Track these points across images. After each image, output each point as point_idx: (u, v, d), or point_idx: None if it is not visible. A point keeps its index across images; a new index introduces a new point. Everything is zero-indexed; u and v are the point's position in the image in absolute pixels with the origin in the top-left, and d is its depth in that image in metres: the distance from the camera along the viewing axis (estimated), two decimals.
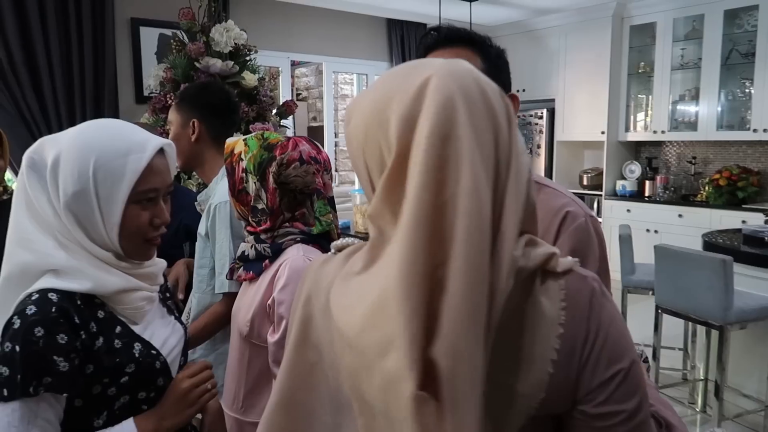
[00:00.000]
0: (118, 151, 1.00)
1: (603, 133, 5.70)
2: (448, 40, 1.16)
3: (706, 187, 5.17)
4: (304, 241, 1.42)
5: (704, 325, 2.90)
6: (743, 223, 4.43)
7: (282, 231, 1.42)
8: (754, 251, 3.02)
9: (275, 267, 1.39)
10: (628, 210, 5.59)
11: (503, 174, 0.62)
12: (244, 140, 1.47)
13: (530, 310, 0.63)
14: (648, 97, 5.68)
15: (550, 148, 6.21)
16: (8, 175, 3.51)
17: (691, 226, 5.01)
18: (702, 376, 3.23)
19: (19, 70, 3.43)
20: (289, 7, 5.03)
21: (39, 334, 0.91)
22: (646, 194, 5.61)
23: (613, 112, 5.69)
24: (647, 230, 5.34)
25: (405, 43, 6.05)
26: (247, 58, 3.44)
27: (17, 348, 0.90)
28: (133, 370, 1.02)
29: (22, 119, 3.46)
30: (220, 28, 3.26)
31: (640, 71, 5.66)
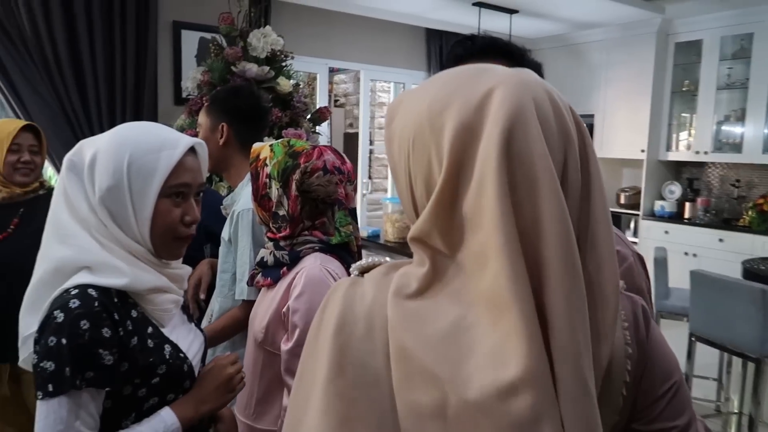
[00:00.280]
0: (152, 147, 1.02)
1: (643, 151, 5.56)
2: (483, 51, 1.12)
3: (749, 212, 4.98)
4: (323, 251, 1.41)
5: (740, 357, 2.79)
6: None
7: (301, 239, 1.41)
8: None
9: (292, 275, 1.38)
10: (666, 231, 5.43)
11: (574, 195, 0.57)
12: (270, 146, 1.48)
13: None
14: (691, 116, 5.52)
15: None
16: (50, 172, 3.64)
17: (731, 251, 4.83)
18: (736, 409, 3.11)
19: (64, 67, 3.52)
20: (330, 15, 5.07)
21: (85, 327, 0.91)
22: (686, 216, 5.44)
23: (654, 130, 5.54)
24: (685, 253, 5.17)
25: (443, 54, 6.01)
26: (284, 64, 3.46)
27: (63, 341, 0.90)
28: (164, 372, 1.02)
29: (64, 114, 3.55)
30: (258, 33, 3.30)
31: (684, 89, 5.50)
